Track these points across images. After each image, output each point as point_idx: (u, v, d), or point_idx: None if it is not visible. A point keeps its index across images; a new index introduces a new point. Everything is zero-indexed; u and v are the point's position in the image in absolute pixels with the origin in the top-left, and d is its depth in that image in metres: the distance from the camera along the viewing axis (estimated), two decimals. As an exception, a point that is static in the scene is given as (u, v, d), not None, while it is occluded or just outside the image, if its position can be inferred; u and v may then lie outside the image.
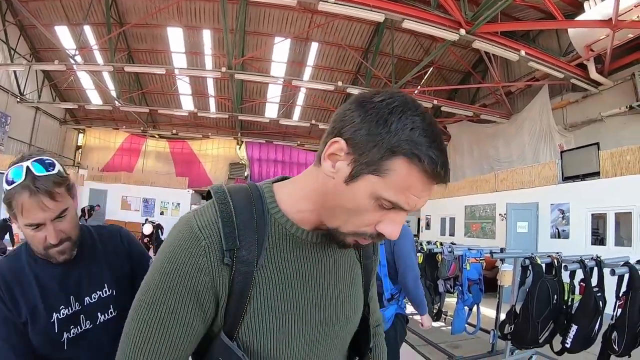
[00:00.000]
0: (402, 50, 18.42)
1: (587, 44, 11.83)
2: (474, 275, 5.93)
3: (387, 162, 0.77)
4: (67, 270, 1.42)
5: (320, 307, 0.95)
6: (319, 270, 0.96)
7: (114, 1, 16.89)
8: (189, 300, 0.83)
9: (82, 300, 1.42)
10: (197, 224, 0.85)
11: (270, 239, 0.90)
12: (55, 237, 1.32)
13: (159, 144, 27.22)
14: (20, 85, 20.74)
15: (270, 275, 0.88)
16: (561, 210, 10.53)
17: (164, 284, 0.83)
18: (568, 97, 14.27)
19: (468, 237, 14.09)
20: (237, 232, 0.85)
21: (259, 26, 17.92)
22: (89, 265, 1.47)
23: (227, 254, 0.83)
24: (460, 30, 11.22)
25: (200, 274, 0.83)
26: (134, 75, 21.39)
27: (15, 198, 1.27)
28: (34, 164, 1.30)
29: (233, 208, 0.87)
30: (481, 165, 18.11)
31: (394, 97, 0.79)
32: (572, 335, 4.14)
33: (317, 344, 0.95)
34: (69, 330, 1.38)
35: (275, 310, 0.88)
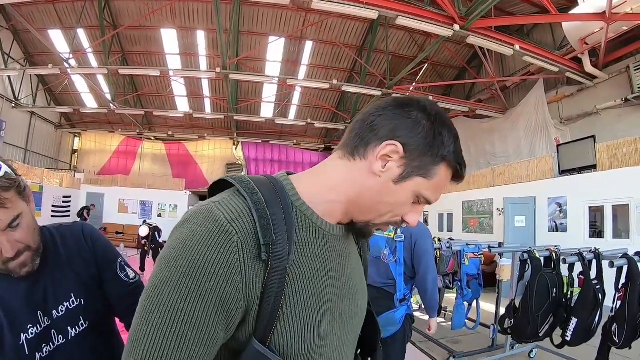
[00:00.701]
0: (397, 47, 18.41)
1: (582, 37, 11.82)
2: (472, 270, 5.94)
3: (436, 168, 0.88)
4: (31, 284, 1.25)
5: (345, 301, 0.93)
6: (340, 264, 0.94)
7: (107, 4, 16.82)
8: (215, 306, 0.73)
9: (50, 315, 1.26)
10: (225, 216, 0.76)
11: (298, 231, 0.86)
12: (11, 249, 1.16)
13: (155, 146, 27.21)
14: (15, 90, 20.66)
15: (302, 271, 0.84)
16: (558, 204, 10.56)
17: (184, 286, 0.72)
18: (563, 91, 14.27)
19: (466, 233, 14.13)
20: (272, 225, 0.78)
21: (253, 26, 17.89)
22: (53, 273, 1.30)
23: (264, 249, 0.76)
24: (454, 26, 11.22)
25: (231, 275, 0.74)
26: (129, 78, 21.37)
27: None
28: None
29: (264, 198, 0.81)
30: (478, 160, 18.11)
31: (438, 110, 0.91)
32: (572, 329, 4.15)
33: (343, 339, 0.93)
34: (40, 349, 1.23)
35: (310, 307, 0.83)
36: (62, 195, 19.97)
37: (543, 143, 14.30)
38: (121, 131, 26.01)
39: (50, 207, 19.03)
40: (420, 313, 7.86)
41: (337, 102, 22.54)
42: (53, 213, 19.11)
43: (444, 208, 16.15)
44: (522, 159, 13.75)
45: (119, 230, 20.21)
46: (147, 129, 25.59)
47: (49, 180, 19.34)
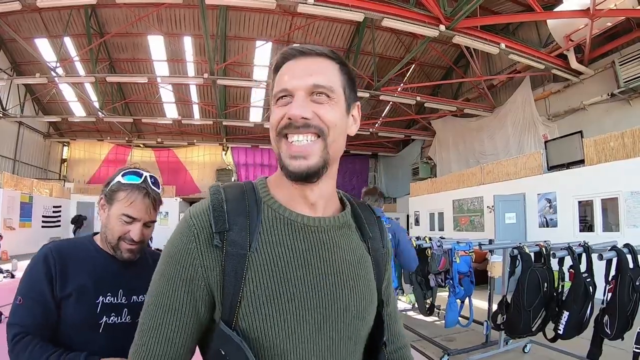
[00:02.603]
0: (384, 48, 18.49)
1: (567, 34, 11.94)
2: (464, 268, 5.93)
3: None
4: (122, 268, 1.62)
5: (322, 292, 0.92)
6: (318, 255, 0.95)
7: (93, 11, 16.71)
8: (182, 287, 0.87)
9: (129, 297, 1.60)
10: (190, 214, 0.92)
11: (264, 223, 0.92)
12: (139, 235, 1.58)
13: (145, 154, 27.06)
14: (2, 100, 20.43)
15: (264, 258, 0.89)
16: (548, 200, 10.64)
17: (161, 274, 0.91)
18: (550, 88, 14.38)
19: (457, 231, 14.20)
20: (226, 216, 0.89)
21: (240, 31, 17.87)
22: (143, 272, 1.54)
23: (216, 237, 0.87)
24: (439, 26, 11.29)
25: (191, 259, 0.87)
26: (117, 85, 21.26)
27: (127, 191, 1.56)
28: (150, 177, 1.64)
29: (224, 197, 0.92)
30: (467, 159, 18.20)
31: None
32: (564, 322, 4.19)
33: (326, 334, 0.92)
34: (109, 315, 1.54)
35: (273, 293, 0.87)
36: (52, 205, 19.85)
37: (531, 140, 14.38)
38: (110, 139, 25.81)
39: (41, 217, 18.92)
40: (414, 312, 7.92)
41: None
42: (43, 223, 19.00)
43: (434, 207, 16.22)
44: (511, 156, 13.81)
45: (110, 239, 20.07)
46: (136, 137, 25.47)
47: (38, 191, 19.21)
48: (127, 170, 1.60)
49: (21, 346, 1.39)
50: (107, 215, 1.58)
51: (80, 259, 1.55)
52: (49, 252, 1.51)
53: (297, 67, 0.94)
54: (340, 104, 0.97)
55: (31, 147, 23.69)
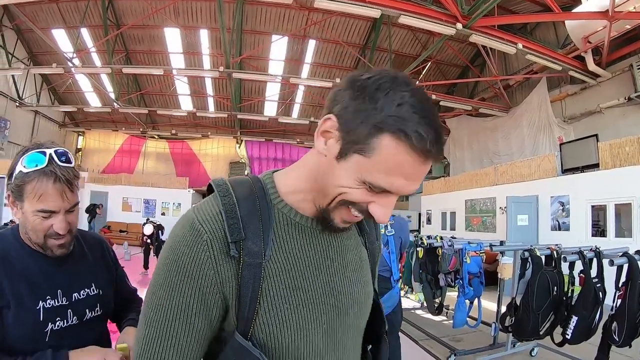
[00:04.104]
0: (400, 45, 18.41)
1: (585, 35, 11.81)
2: (474, 268, 5.93)
3: (374, 141, 0.74)
4: (55, 265, 1.40)
5: (332, 293, 0.93)
6: (326, 257, 0.95)
7: (110, 3, 16.87)
8: (194, 299, 0.81)
9: (69, 296, 1.40)
10: (197, 219, 0.84)
11: (276, 229, 0.89)
12: (64, 227, 1.34)
13: (159, 145, 27.28)
14: (19, 89, 20.79)
15: (279, 266, 0.87)
16: (561, 203, 10.54)
17: (168, 283, 0.82)
18: (566, 90, 14.26)
19: (469, 231, 14.10)
20: (241, 223, 0.83)
21: (256, 25, 17.91)
22: (78, 264, 1.48)
23: (232, 246, 0.81)
24: (456, 25, 11.23)
25: (204, 270, 0.81)
26: (132, 77, 21.45)
27: (33, 182, 1.27)
28: (56, 153, 1.33)
29: (236, 200, 0.86)
30: (481, 159, 18.09)
31: (382, 74, 0.78)
32: (573, 327, 4.16)
33: (334, 332, 0.94)
34: (54, 321, 1.34)
35: (289, 301, 0.86)
36: (67, 194, 20.04)
37: (546, 141, 14.27)
38: (125, 130, 26.13)
39: (55, 206, 19.08)
40: (423, 311, 7.92)
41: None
42: (57, 211, 19.16)
43: (447, 206, 16.13)
44: (526, 157, 13.67)
45: (122, 228, 20.23)
46: (150, 128, 25.72)
47: (53, 179, 19.36)
48: (28, 152, 1.31)
49: None
50: (21, 214, 1.33)
51: (10, 261, 1.33)
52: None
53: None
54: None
55: (46, 136, 23.52)
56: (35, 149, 1.32)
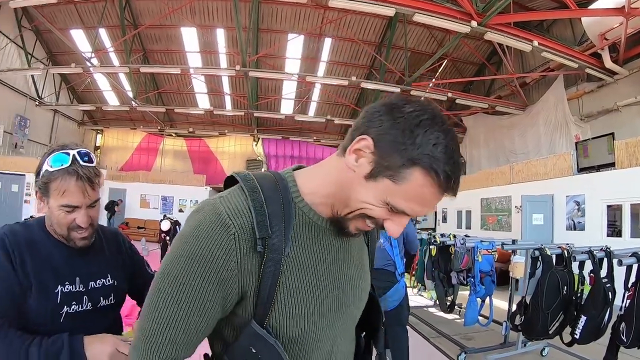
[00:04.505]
0: (416, 43, 18.34)
1: (601, 32, 11.64)
2: (486, 267, 5.94)
3: (406, 171, 0.83)
4: (76, 255, 1.54)
5: (339, 290, 1.02)
6: (335, 256, 1.03)
7: (127, 3, 17.05)
8: (213, 286, 0.87)
9: (86, 284, 1.53)
10: (225, 212, 0.88)
11: (295, 227, 0.95)
12: (86, 221, 1.48)
13: (176, 143, 27.50)
14: (38, 88, 21.12)
15: (296, 262, 0.94)
16: (576, 202, 10.42)
17: (189, 268, 0.86)
18: (583, 87, 14.10)
19: (484, 230, 14.01)
20: (269, 220, 0.88)
21: (272, 23, 17.98)
22: (97, 256, 1.62)
23: (259, 242, 0.87)
24: (471, 22, 11.16)
25: (228, 262, 0.86)
26: (150, 76, 21.63)
27: (58, 179, 1.42)
28: (79, 154, 1.47)
29: (264, 197, 0.91)
30: (497, 157, 17.96)
31: (424, 109, 0.85)
32: (581, 327, 4.16)
33: (337, 324, 1.03)
34: (70, 305, 1.47)
35: (302, 295, 0.94)
36: (86, 191, 20.31)
37: (563, 140, 14.12)
38: (143, 128, 26.41)
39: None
40: (435, 309, 7.93)
41: (357, 98, 22.47)
42: (77, 208, 19.45)
43: (462, 205, 16.03)
44: (542, 156, 13.55)
45: (140, 225, 20.45)
46: (168, 126, 25.92)
47: (72, 176, 19.67)
48: (54, 153, 1.45)
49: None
50: (48, 208, 1.48)
51: (36, 247, 1.47)
52: (4, 236, 1.42)
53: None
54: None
55: (66, 135, 24.16)
56: (60, 150, 1.46)
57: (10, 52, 18.65)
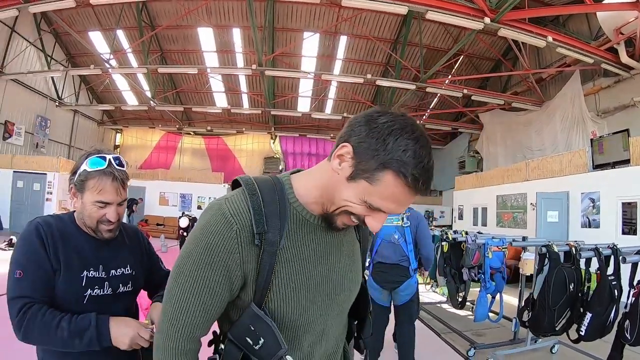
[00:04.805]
0: (431, 39, 18.26)
1: (617, 27, 11.45)
2: (496, 263, 5.94)
3: (379, 174, 0.97)
4: (101, 246, 1.74)
5: (329, 279, 1.18)
6: (327, 250, 1.19)
7: (144, 5, 17.26)
8: (221, 274, 1.05)
9: (108, 271, 1.73)
10: (229, 211, 1.06)
11: (290, 224, 1.11)
12: (115, 216, 1.69)
13: (195, 141, 27.83)
14: (58, 90, 21.62)
15: (290, 254, 1.10)
16: (591, 199, 10.28)
17: (201, 260, 1.05)
18: (600, 83, 13.87)
19: (500, 227, 13.91)
20: (265, 219, 1.06)
21: (287, 22, 18.09)
22: (118, 248, 1.81)
23: (257, 237, 1.04)
24: (484, 19, 11.14)
25: (231, 253, 1.04)
26: (168, 76, 21.92)
27: (95, 179, 1.63)
28: (114, 158, 1.70)
29: (262, 199, 1.08)
30: (514, 154, 17.73)
31: (396, 120, 0.99)
32: (587, 323, 4.17)
33: (327, 311, 1.19)
34: (92, 288, 1.66)
35: (295, 282, 1.10)
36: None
37: (579, 136, 13.93)
38: (161, 127, 26.79)
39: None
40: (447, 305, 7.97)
41: (373, 95, 22.44)
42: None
43: (478, 202, 15.94)
44: (559, 152, 13.36)
45: (159, 222, 20.67)
46: (186, 124, 26.18)
47: (92, 175, 20.00)
48: (91, 156, 1.67)
49: (32, 315, 1.48)
50: (81, 203, 1.67)
51: (66, 235, 1.66)
52: (39, 225, 1.61)
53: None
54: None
55: (85, 134, 24.89)
56: (97, 154, 1.68)
57: (31, 55, 19.14)
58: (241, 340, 1.10)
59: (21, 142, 19.32)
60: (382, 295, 4.41)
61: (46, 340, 1.53)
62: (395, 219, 4.36)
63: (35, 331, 1.49)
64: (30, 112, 20.05)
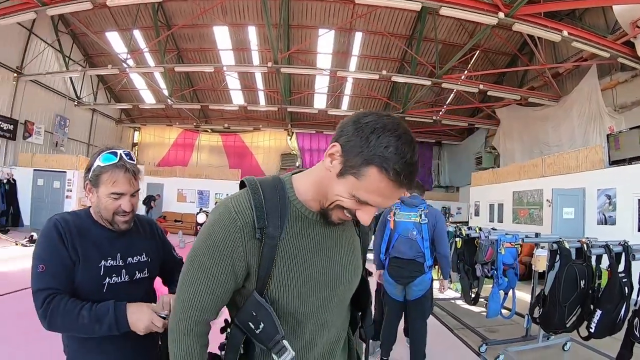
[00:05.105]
0: (447, 35, 18.07)
1: (633, 20, 11.18)
2: (509, 259, 5.94)
3: (364, 169, 1.06)
4: (117, 236, 1.86)
5: (328, 271, 1.28)
6: (326, 243, 1.28)
7: (160, 5, 17.35)
8: (226, 264, 1.17)
9: (125, 260, 1.86)
10: (234, 209, 1.18)
11: (290, 220, 1.22)
12: (129, 206, 1.81)
13: (212, 138, 28.03)
14: (77, 89, 21.94)
15: (289, 247, 1.21)
16: (608, 196, 10.17)
17: (209, 252, 1.18)
18: (617, 77, 13.64)
19: (516, 224, 13.81)
20: (266, 215, 1.17)
21: (302, 19, 18.12)
22: (134, 237, 1.94)
23: (258, 231, 1.16)
24: (498, 14, 11.05)
25: (236, 246, 1.16)
26: (184, 74, 21.99)
27: (109, 172, 1.76)
28: (124, 153, 1.82)
29: (263, 197, 1.19)
30: (531, 150, 17.47)
31: (378, 120, 1.08)
32: (596, 321, 4.16)
33: (327, 301, 1.29)
34: (110, 277, 1.79)
35: (294, 273, 1.21)
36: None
37: (597, 132, 13.69)
38: (179, 124, 27.01)
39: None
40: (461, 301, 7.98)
41: (389, 92, 22.37)
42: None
43: (494, 198, 15.84)
44: (576, 148, 13.10)
45: (177, 218, 20.87)
46: (203, 122, 26.35)
47: (111, 172, 20.28)
48: (103, 153, 1.80)
49: (55, 305, 1.61)
50: (97, 197, 1.79)
51: (83, 229, 1.78)
52: (57, 222, 1.74)
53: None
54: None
55: (104, 133, 25.25)
56: (108, 150, 1.81)
57: (49, 56, 19.47)
58: (244, 325, 1.21)
59: (41, 141, 19.65)
60: (397, 289, 4.50)
61: (69, 327, 1.66)
62: (413, 215, 4.46)
63: (59, 320, 1.62)
64: (50, 112, 20.40)
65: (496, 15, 11.10)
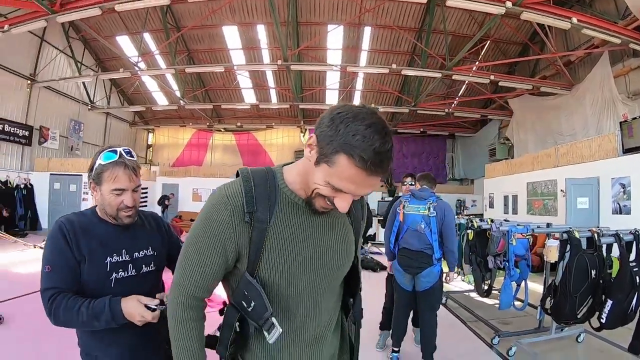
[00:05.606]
0: (456, 26, 17.92)
1: (643, 5, 11.04)
2: (520, 250, 5.89)
3: (334, 157, 1.11)
4: (123, 232, 1.93)
5: (318, 256, 1.35)
6: (316, 230, 1.36)
7: (169, 8, 17.43)
8: (217, 244, 1.27)
9: (131, 254, 1.93)
10: (226, 194, 1.28)
11: (279, 205, 1.31)
12: (131, 201, 1.89)
13: (225, 137, 28.21)
14: (90, 94, 22.26)
15: (279, 231, 1.29)
16: (622, 185, 9.99)
17: (203, 233, 1.29)
18: (630, 64, 13.38)
19: (530, 215, 13.66)
20: (255, 200, 1.27)
21: (311, 16, 18.11)
22: (139, 232, 2.01)
23: (247, 215, 1.26)
24: (506, 3, 10.98)
25: (227, 228, 1.26)
26: (196, 75, 22.13)
27: (109, 169, 1.83)
28: (124, 150, 1.89)
29: (253, 183, 1.29)
30: (545, 140, 17.21)
31: (349, 111, 1.14)
32: (607, 311, 4.15)
33: (317, 285, 1.37)
34: (117, 272, 1.87)
35: (283, 256, 1.29)
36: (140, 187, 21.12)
37: (610, 120, 13.45)
38: (192, 125, 27.28)
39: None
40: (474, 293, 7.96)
41: (401, 85, 22.27)
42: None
43: (508, 190, 15.68)
44: (590, 137, 12.87)
45: (192, 217, 20.96)
46: (216, 122, 26.58)
47: (126, 174, 20.50)
48: (102, 152, 1.87)
49: (58, 302, 1.71)
50: (100, 195, 1.87)
51: (88, 228, 1.86)
52: (62, 224, 1.82)
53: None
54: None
55: (118, 135, 25.59)
56: (108, 149, 1.87)
57: (61, 62, 19.77)
58: (238, 303, 1.31)
59: (56, 146, 20.01)
60: (405, 278, 4.55)
61: (71, 323, 1.75)
62: (422, 207, 4.48)
63: (62, 316, 1.72)
64: (64, 117, 20.73)
65: (503, 4, 11.00)
